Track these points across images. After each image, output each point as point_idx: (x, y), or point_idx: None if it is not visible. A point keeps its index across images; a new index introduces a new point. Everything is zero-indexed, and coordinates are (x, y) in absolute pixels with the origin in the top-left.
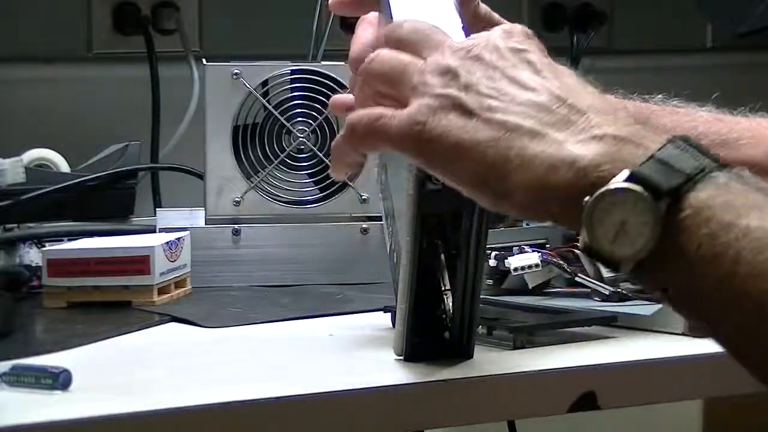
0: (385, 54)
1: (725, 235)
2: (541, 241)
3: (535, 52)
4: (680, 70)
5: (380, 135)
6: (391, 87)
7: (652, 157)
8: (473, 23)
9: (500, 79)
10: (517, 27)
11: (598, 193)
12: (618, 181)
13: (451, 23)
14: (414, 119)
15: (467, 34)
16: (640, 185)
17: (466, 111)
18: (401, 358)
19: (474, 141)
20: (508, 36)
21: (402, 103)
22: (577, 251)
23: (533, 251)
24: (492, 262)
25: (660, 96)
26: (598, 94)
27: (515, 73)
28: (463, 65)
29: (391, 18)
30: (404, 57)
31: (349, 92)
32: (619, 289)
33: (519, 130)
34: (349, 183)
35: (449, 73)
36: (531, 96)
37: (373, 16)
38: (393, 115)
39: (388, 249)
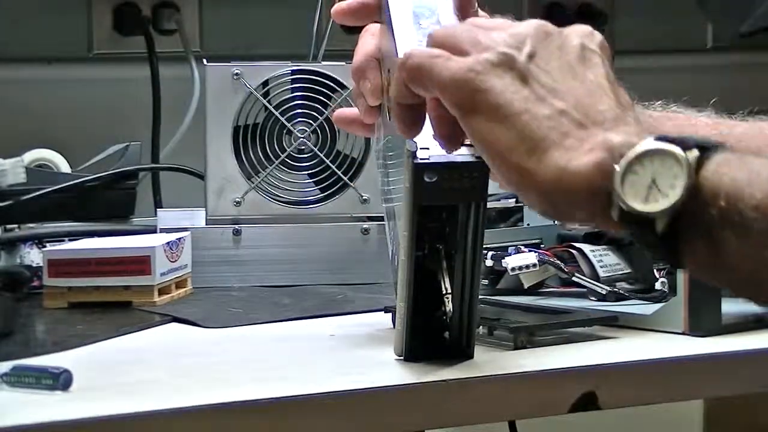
0: (454, 24)
1: (756, 170)
2: (536, 241)
3: (605, 62)
4: (681, 70)
5: (433, 72)
6: (453, 45)
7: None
8: None
9: (564, 65)
10: (599, 34)
11: (627, 155)
12: (646, 144)
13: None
14: (470, 66)
15: None
16: (666, 143)
17: (522, 78)
18: (401, 358)
19: (522, 108)
20: (588, 36)
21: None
22: (572, 251)
23: (530, 251)
24: (488, 262)
25: (659, 102)
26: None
27: (580, 68)
28: (535, 36)
29: (392, 27)
30: (472, 28)
31: (354, 93)
32: (615, 289)
33: (567, 116)
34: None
35: (518, 37)
36: (588, 92)
37: (375, 27)
38: (450, 57)
39: (390, 252)
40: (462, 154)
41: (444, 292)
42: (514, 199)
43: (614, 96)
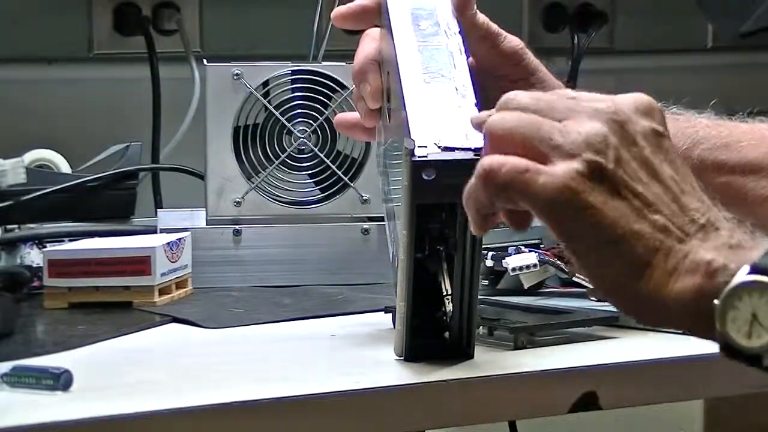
0: (509, 113)
1: None
2: (536, 241)
3: (668, 136)
4: (681, 70)
5: (524, 191)
6: (524, 144)
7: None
8: (471, 31)
9: (645, 164)
10: (646, 99)
11: (725, 291)
12: (741, 276)
13: (449, 29)
14: (564, 183)
15: (465, 41)
16: (762, 275)
17: (614, 189)
18: (402, 358)
19: (626, 230)
20: (650, 113)
21: (538, 160)
22: None
23: (530, 251)
24: (489, 263)
25: (659, 104)
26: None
27: (659, 163)
28: (612, 132)
29: (391, 30)
30: (538, 118)
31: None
32: None
33: (666, 232)
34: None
35: (597, 135)
36: (675, 196)
37: (375, 31)
38: (539, 170)
39: (390, 253)
40: (460, 150)
41: (444, 293)
42: None
43: (694, 190)
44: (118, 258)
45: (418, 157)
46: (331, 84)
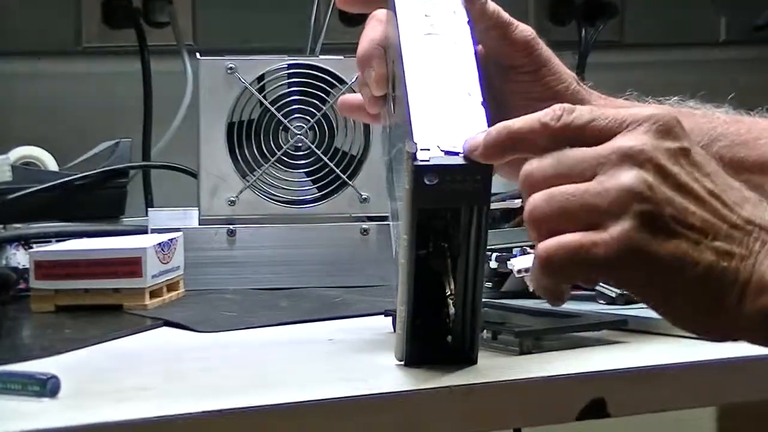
0: (540, 196)
1: None
2: None
3: (691, 143)
4: (692, 64)
5: (587, 266)
6: (569, 220)
7: None
8: (480, 20)
9: (685, 191)
10: (661, 116)
11: None
12: None
13: (457, 18)
14: (623, 245)
15: (473, 31)
16: None
17: (671, 232)
18: (402, 363)
19: (693, 272)
20: (667, 132)
21: (588, 226)
22: None
23: None
24: (493, 264)
25: (675, 98)
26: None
27: (697, 187)
28: (649, 174)
29: (397, 19)
30: (569, 188)
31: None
32: (625, 292)
33: (730, 256)
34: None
35: (641, 187)
36: (721, 215)
37: (381, 13)
38: (594, 242)
39: (393, 251)
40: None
41: (448, 293)
42: (519, 200)
43: (731, 189)
44: (107, 259)
45: (420, 161)
46: (329, 78)
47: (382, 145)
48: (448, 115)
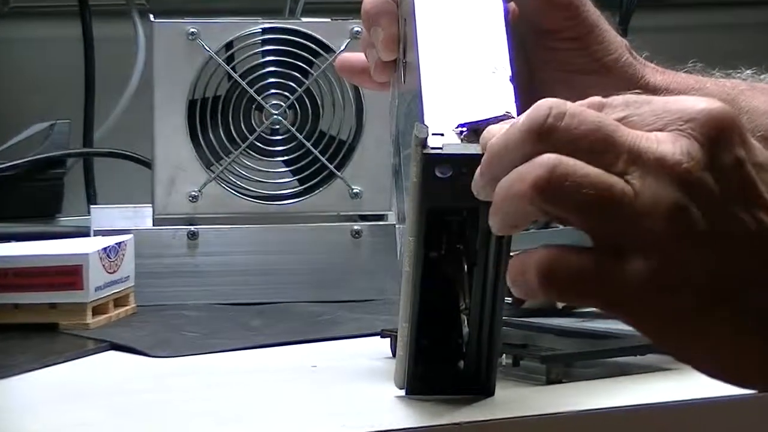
0: (575, 166)
1: None
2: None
3: (747, 151)
4: (750, 28)
5: (598, 298)
6: (589, 218)
7: None
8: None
9: (728, 199)
10: (716, 113)
11: None
12: None
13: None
14: (655, 284)
15: (508, 30)
16: None
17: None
18: (403, 393)
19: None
20: (722, 130)
21: (602, 237)
22: None
23: None
24: None
25: (748, 72)
26: None
27: (752, 218)
28: (691, 195)
29: None
30: (608, 178)
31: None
32: None
33: None
34: None
35: (677, 212)
36: None
37: None
38: (611, 272)
39: (398, 253)
40: None
41: (462, 306)
42: None
43: None
44: (41, 268)
45: (432, 148)
46: (313, 46)
47: (390, 117)
48: (467, 91)
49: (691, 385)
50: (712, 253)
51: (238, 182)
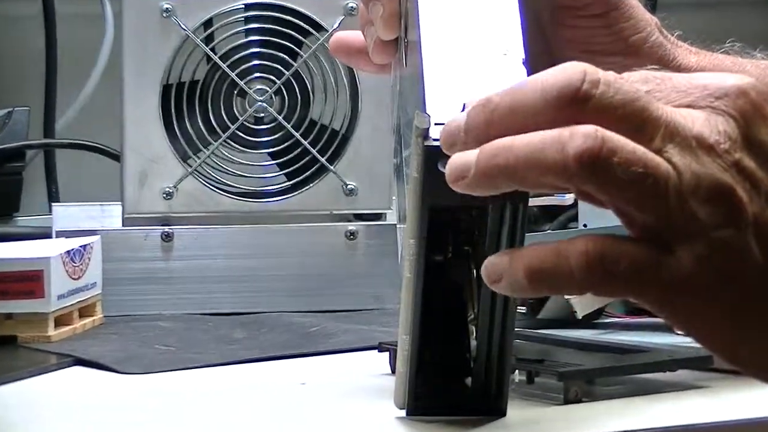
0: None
1: None
2: None
3: None
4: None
5: (656, 291)
6: (637, 199)
7: None
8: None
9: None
10: (753, 88)
11: None
12: None
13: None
14: (707, 275)
15: (522, 7)
16: None
17: (752, 254)
18: (404, 413)
19: None
20: (758, 117)
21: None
22: None
23: None
24: None
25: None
26: None
27: None
28: (734, 177)
29: None
30: (654, 155)
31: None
32: None
33: None
34: None
35: (722, 194)
36: None
37: None
38: (659, 264)
39: (399, 256)
40: None
41: (471, 317)
42: (569, 194)
43: None
44: None
45: (434, 140)
46: (302, 24)
47: (390, 110)
48: (475, 75)
49: (726, 404)
50: (764, 239)
51: (218, 177)
